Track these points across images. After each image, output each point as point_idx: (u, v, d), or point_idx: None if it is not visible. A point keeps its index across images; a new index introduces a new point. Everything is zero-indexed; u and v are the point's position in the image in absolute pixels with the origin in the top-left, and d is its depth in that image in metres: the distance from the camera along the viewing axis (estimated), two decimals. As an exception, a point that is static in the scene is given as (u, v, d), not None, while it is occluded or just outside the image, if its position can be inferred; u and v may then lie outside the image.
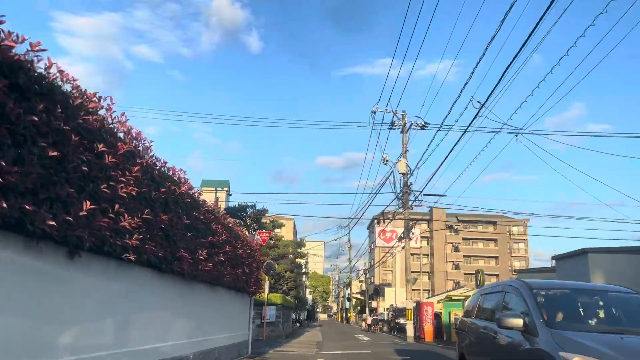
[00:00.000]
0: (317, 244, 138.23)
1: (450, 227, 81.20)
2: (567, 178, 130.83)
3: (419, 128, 28.03)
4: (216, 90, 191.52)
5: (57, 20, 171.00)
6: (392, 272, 78.27)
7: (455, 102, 15.89)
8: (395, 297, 50.50)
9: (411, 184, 27.53)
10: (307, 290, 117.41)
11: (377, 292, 44.20)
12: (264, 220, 33.26)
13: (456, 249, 79.45)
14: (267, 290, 24.78)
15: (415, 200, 26.95)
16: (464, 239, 79.56)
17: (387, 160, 28.53)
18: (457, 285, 78.49)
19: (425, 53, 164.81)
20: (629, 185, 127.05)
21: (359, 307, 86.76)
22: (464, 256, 79.03)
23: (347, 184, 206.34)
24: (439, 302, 29.78)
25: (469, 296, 31.42)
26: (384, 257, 50.27)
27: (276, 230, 38.88)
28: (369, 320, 44.24)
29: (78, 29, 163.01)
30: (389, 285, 69.43)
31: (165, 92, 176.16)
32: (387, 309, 44.78)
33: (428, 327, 26.31)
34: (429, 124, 28.10)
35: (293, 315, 41.96)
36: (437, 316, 27.72)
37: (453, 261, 78.76)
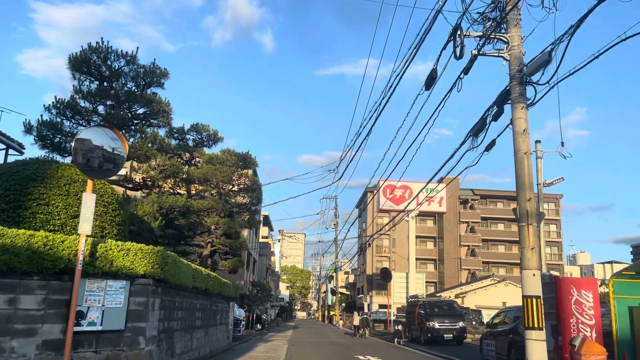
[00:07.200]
0: (296, 234, 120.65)
1: (465, 202, 64.07)
2: None
3: None
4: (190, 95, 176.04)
5: (37, 12, 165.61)
6: (388, 258, 60.55)
7: None
8: (408, 285, 32.77)
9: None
10: (284, 285, 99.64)
11: (386, 276, 26.39)
12: (160, 97, 14.92)
13: (472, 230, 61.96)
14: (85, 225, 6.26)
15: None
16: (482, 218, 62.15)
17: None
18: (473, 277, 61.00)
19: None
20: None
21: (344, 304, 69.95)
22: (482, 240, 61.55)
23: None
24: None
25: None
26: (390, 222, 32.58)
27: (206, 150, 20.64)
28: (356, 321, 27.85)
29: (58, 20, 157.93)
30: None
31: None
32: (408, 302, 26.70)
33: (594, 350, 8.46)
34: None
35: (239, 313, 23.83)
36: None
37: (468, 245, 61.07)
